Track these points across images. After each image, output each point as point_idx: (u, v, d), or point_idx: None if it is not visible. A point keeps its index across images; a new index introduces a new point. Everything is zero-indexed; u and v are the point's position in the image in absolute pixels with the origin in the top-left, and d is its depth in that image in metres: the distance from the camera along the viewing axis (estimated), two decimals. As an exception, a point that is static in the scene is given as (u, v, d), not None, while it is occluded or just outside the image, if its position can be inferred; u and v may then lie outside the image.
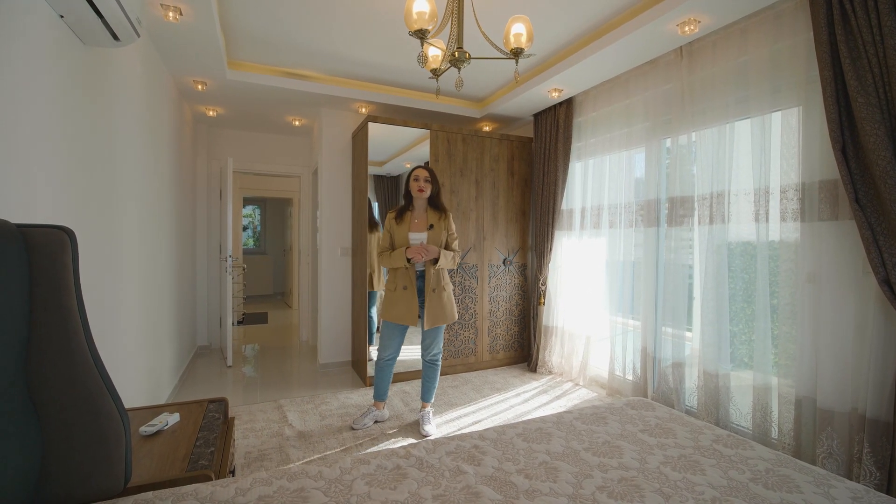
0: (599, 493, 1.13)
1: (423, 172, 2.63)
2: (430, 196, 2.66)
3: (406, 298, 2.58)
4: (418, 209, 2.69)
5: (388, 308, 2.63)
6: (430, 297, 2.58)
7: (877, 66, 1.75)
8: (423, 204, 2.68)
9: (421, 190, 2.61)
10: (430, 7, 1.71)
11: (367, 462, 1.28)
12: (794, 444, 2.11)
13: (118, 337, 2.08)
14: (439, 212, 2.67)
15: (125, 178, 2.18)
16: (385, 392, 2.77)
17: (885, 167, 1.70)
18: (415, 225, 2.65)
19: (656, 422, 1.60)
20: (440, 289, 2.61)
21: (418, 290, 2.63)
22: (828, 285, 2.00)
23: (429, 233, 2.61)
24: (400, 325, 2.64)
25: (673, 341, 2.80)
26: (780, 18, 2.18)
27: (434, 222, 2.63)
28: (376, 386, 2.76)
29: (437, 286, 2.60)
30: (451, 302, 2.66)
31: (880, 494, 1.13)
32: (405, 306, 2.58)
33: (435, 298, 2.59)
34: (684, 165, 2.71)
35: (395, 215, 2.68)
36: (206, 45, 2.70)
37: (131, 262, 2.29)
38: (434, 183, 2.65)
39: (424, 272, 2.63)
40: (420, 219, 2.67)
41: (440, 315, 2.60)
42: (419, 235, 2.61)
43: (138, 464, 1.28)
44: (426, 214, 2.67)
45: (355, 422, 2.71)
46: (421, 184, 2.61)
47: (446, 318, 2.63)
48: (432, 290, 2.59)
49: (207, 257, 4.61)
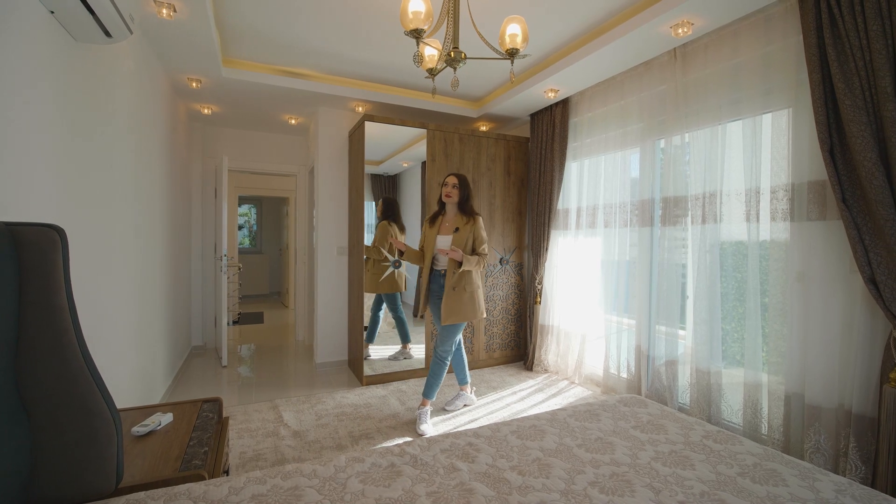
0: (591, 489, 1.15)
1: (452, 179, 2.81)
2: (460, 201, 2.81)
3: (422, 294, 2.90)
4: (449, 213, 2.87)
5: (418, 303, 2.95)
6: (449, 295, 2.74)
7: (863, 69, 1.78)
8: (454, 209, 2.85)
9: (448, 195, 2.79)
10: (425, 7, 1.72)
11: (362, 460, 1.29)
12: (783, 439, 2.15)
13: (110, 336, 2.07)
14: (467, 216, 2.81)
15: (117, 177, 2.18)
16: (465, 377, 3.07)
17: (871, 168, 1.73)
18: (444, 228, 2.84)
19: (648, 418, 1.62)
20: (460, 289, 2.74)
21: (440, 288, 2.84)
22: (816, 284, 2.03)
23: (453, 236, 2.77)
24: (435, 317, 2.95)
25: (666, 339, 2.83)
26: (770, 22, 2.20)
27: (460, 226, 2.78)
28: (455, 374, 3.09)
29: (457, 285, 2.73)
30: (472, 301, 2.78)
31: (863, 487, 1.16)
32: (421, 300, 2.93)
33: (453, 296, 2.73)
34: (678, 166, 2.73)
35: (430, 219, 2.93)
36: (200, 43, 2.69)
37: (124, 261, 2.28)
38: (462, 189, 2.81)
39: (446, 272, 2.79)
40: (449, 222, 2.84)
41: (454, 313, 2.72)
42: (445, 238, 2.80)
43: (130, 464, 1.28)
44: (454, 219, 2.83)
45: (448, 403, 3.03)
46: (449, 189, 2.80)
47: (462, 317, 2.73)
48: (452, 288, 2.74)
49: (202, 256, 4.59)
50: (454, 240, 2.75)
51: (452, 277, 2.73)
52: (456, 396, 3.06)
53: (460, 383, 3.08)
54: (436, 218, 2.89)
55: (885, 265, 1.73)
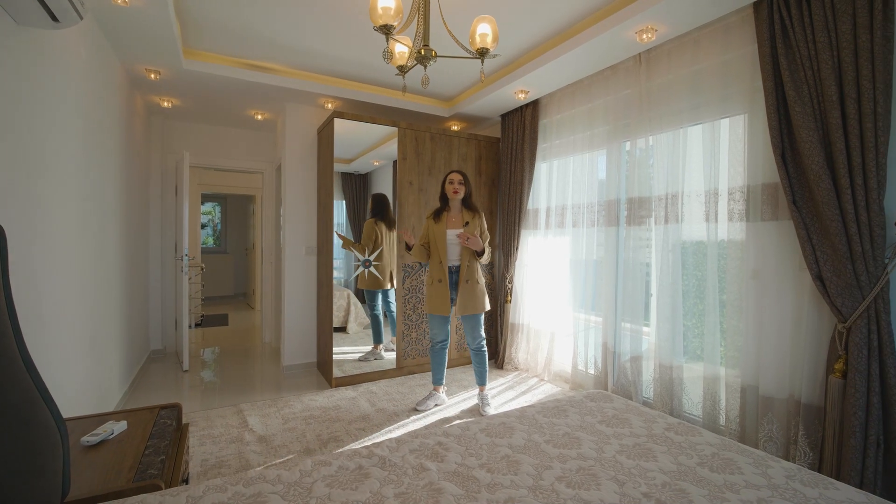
0: (558, 483, 1.17)
1: (456, 176, 2.92)
2: (464, 197, 2.93)
3: (440, 291, 2.89)
4: (454, 209, 2.97)
5: (428, 301, 2.97)
6: (464, 288, 2.86)
7: (812, 78, 1.89)
8: (458, 205, 2.97)
9: (456, 192, 2.90)
10: (395, 3, 1.70)
11: (329, 463, 1.26)
12: (739, 429, 2.25)
13: (56, 341, 1.94)
14: (472, 211, 2.95)
15: (62, 172, 2.03)
16: (441, 377, 3.09)
17: (818, 171, 1.83)
18: (451, 223, 2.93)
19: (613, 413, 1.66)
20: (473, 281, 2.88)
21: (453, 283, 2.91)
22: (769, 281, 2.14)
23: (465, 229, 2.87)
24: (442, 316, 2.94)
25: (631, 336, 2.91)
26: (729, 31, 2.30)
27: (469, 220, 2.91)
28: (433, 372, 3.10)
29: (469, 278, 2.87)
30: (483, 294, 2.92)
31: (811, 472, 1.22)
32: (440, 299, 2.90)
33: (468, 289, 2.86)
34: (642, 168, 2.82)
35: (433, 216, 2.97)
36: (158, 32, 2.57)
37: (71, 262, 2.14)
38: (467, 184, 2.94)
39: (459, 266, 2.90)
40: (456, 217, 2.95)
41: (471, 304, 2.86)
42: (455, 232, 2.89)
43: (79, 476, 1.21)
44: (461, 214, 2.95)
45: (419, 403, 3.00)
46: (455, 186, 2.90)
47: (477, 308, 2.88)
48: (465, 281, 2.86)
49: (162, 257, 4.39)
50: (467, 232, 2.83)
51: (466, 270, 2.85)
52: (428, 396, 3.05)
53: (435, 383, 3.09)
54: (439, 214, 2.95)
55: (831, 263, 1.84)
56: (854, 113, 1.76)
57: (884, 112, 1.71)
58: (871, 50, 1.72)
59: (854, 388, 1.75)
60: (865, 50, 1.73)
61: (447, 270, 2.88)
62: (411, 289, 3.75)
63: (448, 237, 2.88)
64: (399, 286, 3.69)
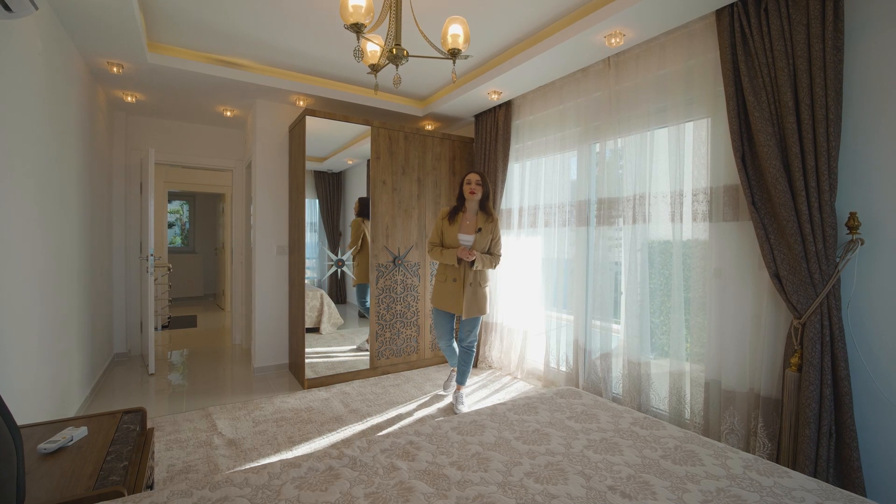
0: (527, 479, 1.19)
1: (474, 176, 2.89)
2: (482, 198, 2.90)
3: (455, 291, 2.91)
4: (470, 211, 2.95)
5: (437, 297, 2.98)
6: (468, 291, 2.88)
7: (770, 84, 1.98)
8: (475, 206, 2.94)
9: (473, 192, 2.86)
10: (366, 1, 1.69)
11: (298, 465, 1.24)
12: (703, 422, 2.34)
13: (9, 344, 1.84)
14: (487, 215, 2.92)
15: (17, 168, 1.94)
16: (455, 360, 3.14)
17: (775, 174, 1.92)
18: (465, 227, 2.92)
19: (582, 409, 1.69)
20: (476, 284, 2.90)
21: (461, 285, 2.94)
22: (731, 279, 2.23)
23: (476, 236, 2.87)
24: (448, 312, 2.98)
25: (601, 334, 2.98)
26: (693, 37, 2.39)
27: (482, 226, 2.89)
28: (449, 358, 3.19)
29: (474, 282, 2.90)
30: (485, 298, 2.95)
31: (767, 462, 1.29)
32: (453, 298, 2.90)
33: (472, 292, 2.89)
34: (612, 169, 2.89)
35: (448, 215, 2.95)
36: (121, 24, 2.47)
37: (25, 262, 2.04)
38: (484, 185, 2.89)
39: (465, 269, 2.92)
40: (471, 221, 2.93)
41: (475, 307, 2.90)
42: (467, 237, 2.90)
43: (35, 484, 1.16)
44: (476, 218, 2.93)
45: (445, 385, 3.25)
46: (473, 186, 2.86)
47: (480, 311, 2.92)
48: (469, 284, 2.88)
49: (126, 256, 4.22)
50: (477, 240, 2.86)
51: (470, 274, 2.87)
52: (449, 378, 3.29)
53: (453, 365, 3.20)
54: (454, 214, 2.93)
55: (787, 262, 1.94)
56: (808, 119, 1.86)
57: (835, 118, 1.81)
58: (824, 59, 1.81)
59: (808, 381, 1.85)
60: (818, 59, 1.82)
61: (463, 270, 2.90)
62: (385, 289, 3.73)
63: (461, 241, 2.89)
64: (373, 286, 3.66)
